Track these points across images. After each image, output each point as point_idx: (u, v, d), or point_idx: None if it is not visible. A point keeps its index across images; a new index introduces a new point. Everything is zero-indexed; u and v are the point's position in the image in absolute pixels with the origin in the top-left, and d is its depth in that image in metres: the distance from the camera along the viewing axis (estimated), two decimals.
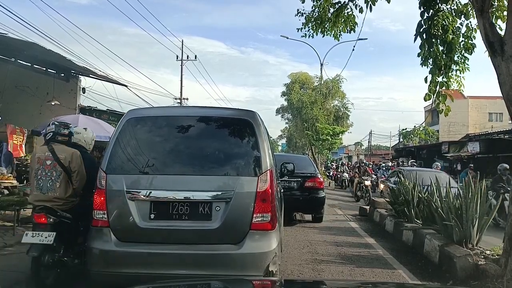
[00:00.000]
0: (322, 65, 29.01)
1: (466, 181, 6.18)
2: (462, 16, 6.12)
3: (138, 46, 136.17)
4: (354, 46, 16.36)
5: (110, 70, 79.48)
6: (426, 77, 6.03)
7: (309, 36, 7.91)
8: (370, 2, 6.69)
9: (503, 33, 4.98)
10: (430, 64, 5.95)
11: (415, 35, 5.94)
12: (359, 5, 7.11)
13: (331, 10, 7.42)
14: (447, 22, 5.80)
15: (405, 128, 42.40)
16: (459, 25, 6.08)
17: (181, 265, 3.51)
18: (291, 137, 49.93)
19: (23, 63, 12.20)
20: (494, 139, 18.13)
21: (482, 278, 4.80)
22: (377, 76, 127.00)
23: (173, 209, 3.59)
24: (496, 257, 5.17)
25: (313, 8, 7.55)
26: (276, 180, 4.30)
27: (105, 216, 3.60)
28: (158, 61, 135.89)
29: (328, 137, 27.22)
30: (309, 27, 7.78)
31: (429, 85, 6.01)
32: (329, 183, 24.31)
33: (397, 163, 26.70)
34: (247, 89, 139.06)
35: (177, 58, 29.95)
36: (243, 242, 3.54)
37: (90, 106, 15.78)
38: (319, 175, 9.97)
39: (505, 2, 5.64)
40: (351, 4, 7.20)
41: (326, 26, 7.59)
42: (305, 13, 7.72)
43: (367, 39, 25.88)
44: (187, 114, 4.24)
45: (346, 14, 7.34)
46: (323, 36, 7.78)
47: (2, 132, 11.11)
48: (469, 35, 6.14)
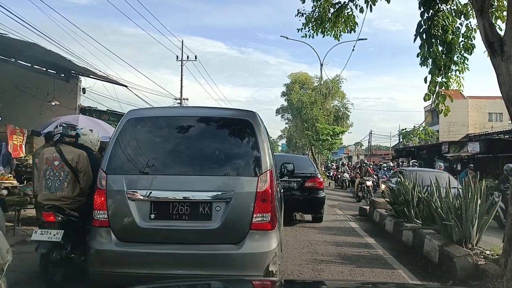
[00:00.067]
0: (322, 65, 29.07)
1: (466, 181, 6.19)
2: (462, 16, 6.13)
3: (138, 46, 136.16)
4: (354, 46, 16.47)
5: (110, 70, 79.54)
6: (426, 77, 6.04)
7: (310, 37, 7.93)
8: (370, 2, 6.70)
9: (502, 33, 4.98)
10: (429, 64, 5.96)
11: (415, 35, 5.95)
12: (359, 5, 7.12)
13: (331, 10, 7.42)
14: (447, 22, 5.81)
15: (405, 128, 42.45)
16: (458, 25, 6.10)
17: (181, 265, 3.52)
18: (291, 137, 49.94)
19: (23, 63, 12.20)
20: (494, 139, 18.10)
21: (482, 278, 4.80)
22: (377, 76, 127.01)
23: (173, 209, 3.60)
24: (496, 257, 5.18)
25: (313, 8, 7.56)
26: (276, 180, 4.31)
27: (105, 216, 3.61)
28: (158, 61, 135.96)
29: (328, 137, 27.23)
30: (309, 27, 7.79)
31: (428, 85, 6.02)
32: (329, 183, 24.29)
33: (397, 163, 26.66)
34: (247, 89, 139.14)
35: (177, 58, 29.99)
36: (243, 242, 3.54)
37: (90, 107, 15.78)
38: (319, 175, 9.99)
39: (504, 2, 5.65)
40: (351, 4, 7.22)
41: (326, 26, 7.59)
42: (305, 13, 7.73)
43: (367, 39, 25.91)
44: (187, 115, 4.26)
45: (346, 14, 7.34)
46: (323, 36, 7.79)
47: (2, 132, 11.12)
48: (469, 35, 6.15)
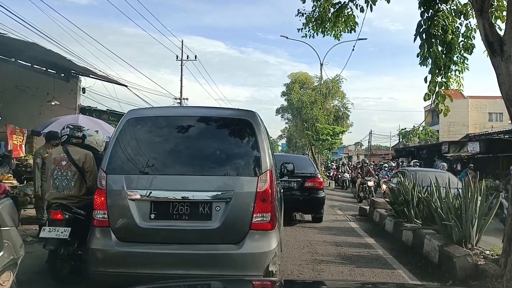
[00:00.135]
0: (322, 65, 29.06)
1: (466, 181, 6.19)
2: (462, 16, 6.13)
3: (138, 46, 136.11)
4: (354, 46, 16.46)
5: (110, 70, 79.46)
6: (426, 77, 6.04)
7: (310, 37, 7.92)
8: (371, 2, 6.69)
9: (502, 33, 4.98)
10: (429, 64, 5.96)
11: (415, 35, 5.95)
12: (359, 5, 7.12)
13: (332, 10, 7.42)
14: (447, 22, 5.81)
15: (404, 128, 42.35)
16: (458, 25, 6.10)
17: (181, 265, 3.52)
18: (291, 137, 49.91)
19: (23, 63, 12.19)
20: (494, 139, 18.10)
21: (481, 278, 4.80)
22: (377, 76, 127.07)
23: (173, 209, 3.60)
24: (496, 257, 5.18)
25: (314, 8, 7.56)
26: (276, 180, 4.31)
27: (106, 216, 3.61)
28: (158, 61, 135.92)
29: (328, 137, 27.20)
30: (309, 27, 7.79)
31: (428, 85, 6.02)
32: (329, 183, 24.27)
33: (397, 163, 26.65)
34: (247, 89, 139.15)
35: (177, 58, 29.98)
36: (243, 242, 3.54)
37: (90, 106, 15.77)
38: (319, 175, 9.98)
39: (504, 2, 5.65)
40: (351, 4, 7.22)
41: (326, 26, 7.59)
42: (305, 13, 7.73)
43: (366, 39, 25.96)
44: (187, 114, 4.25)
45: (346, 14, 7.34)
46: (323, 36, 7.79)
47: (2, 132, 11.11)
48: (469, 35, 6.15)
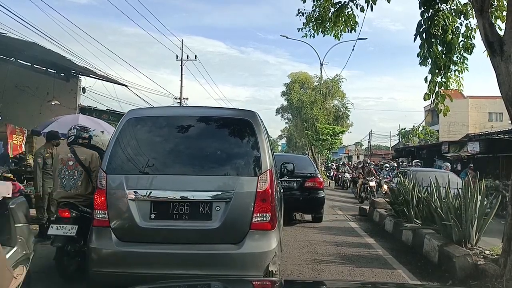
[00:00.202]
0: (322, 65, 29.07)
1: (466, 181, 6.19)
2: (462, 16, 6.13)
3: (138, 46, 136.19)
4: (354, 46, 16.50)
5: (110, 70, 79.48)
6: (426, 77, 6.05)
7: (310, 36, 7.92)
8: (371, 2, 6.69)
9: (502, 33, 4.98)
10: (429, 64, 5.96)
11: (415, 35, 5.95)
12: (359, 5, 7.12)
13: (332, 9, 7.42)
14: (447, 22, 5.81)
15: (404, 128, 42.35)
16: (458, 25, 6.10)
17: (181, 265, 3.52)
18: (291, 137, 49.92)
19: (23, 63, 12.19)
20: (494, 139, 18.09)
21: (481, 278, 4.81)
22: (377, 76, 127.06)
23: (173, 209, 3.60)
24: (496, 257, 5.18)
25: (314, 8, 7.56)
26: (276, 180, 4.31)
27: (106, 216, 3.61)
28: (158, 61, 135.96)
29: (328, 137, 27.21)
30: (309, 27, 7.79)
31: (428, 85, 6.03)
32: (329, 183, 24.25)
33: (397, 164, 26.63)
34: (247, 89, 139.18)
35: (177, 58, 29.97)
36: (243, 242, 3.54)
37: (90, 106, 15.78)
38: (319, 175, 9.98)
39: (504, 2, 5.65)
40: (351, 3, 7.22)
41: (326, 25, 7.59)
42: (305, 13, 7.73)
43: (366, 38, 26.06)
44: (187, 114, 4.25)
45: (346, 13, 7.34)
46: (323, 36, 7.80)
47: (2, 132, 11.11)
48: (469, 35, 6.15)
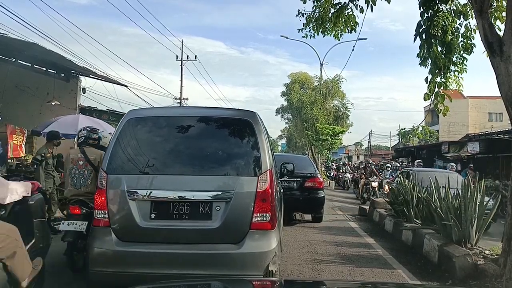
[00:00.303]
0: (322, 65, 29.07)
1: (465, 181, 6.20)
2: (461, 16, 6.14)
3: (138, 46, 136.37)
4: (354, 46, 16.51)
5: (110, 70, 79.56)
6: (427, 77, 6.06)
7: (310, 37, 7.93)
8: (371, 2, 6.70)
9: (502, 33, 4.99)
10: (429, 64, 5.97)
11: (414, 35, 5.97)
12: (359, 5, 7.13)
13: (332, 10, 7.43)
14: (447, 22, 5.82)
15: (404, 128, 42.36)
16: (458, 26, 6.11)
17: (182, 265, 3.52)
18: (291, 137, 49.91)
19: (23, 63, 12.21)
20: (494, 139, 18.11)
21: (481, 278, 4.81)
22: (377, 76, 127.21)
23: (174, 209, 3.60)
24: (495, 256, 5.19)
25: (314, 8, 7.57)
26: (276, 180, 4.32)
27: (106, 216, 3.61)
28: (158, 61, 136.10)
29: (328, 137, 27.19)
30: (309, 27, 7.80)
31: (428, 85, 6.04)
32: (329, 183, 24.24)
33: (400, 163, 26.51)
34: (247, 89, 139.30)
35: (177, 58, 30.00)
36: (243, 241, 3.55)
37: (90, 106, 15.80)
38: (318, 175, 9.99)
39: (504, 2, 5.66)
40: (351, 4, 7.23)
41: (327, 26, 7.60)
42: (305, 13, 7.74)
43: (366, 39, 26.02)
44: (187, 114, 4.26)
45: (346, 14, 7.35)
46: (323, 36, 7.81)
47: (2, 132, 11.12)
48: (468, 35, 6.16)
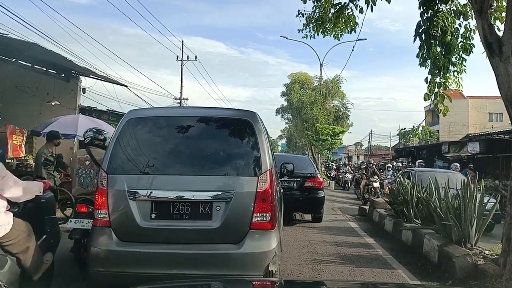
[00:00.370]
0: (321, 65, 29.08)
1: (465, 181, 6.20)
2: (461, 17, 6.15)
3: (138, 47, 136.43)
4: (354, 46, 16.53)
5: (110, 70, 79.55)
6: (427, 77, 6.06)
7: (310, 37, 7.93)
8: (371, 2, 6.71)
9: (501, 34, 5.00)
10: (429, 65, 5.98)
11: (414, 35, 5.97)
12: (359, 6, 7.13)
13: (332, 10, 7.43)
14: (446, 23, 5.83)
15: (404, 128, 42.36)
16: (457, 26, 6.12)
17: (182, 265, 3.53)
18: (291, 137, 49.90)
19: (24, 63, 12.20)
20: (494, 139, 18.12)
21: (481, 278, 4.82)
22: (377, 76, 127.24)
23: (174, 209, 3.61)
24: (495, 256, 5.19)
25: (314, 8, 7.57)
26: (276, 180, 4.32)
27: (106, 216, 3.62)
28: (158, 62, 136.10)
29: (328, 137, 27.18)
30: (310, 28, 7.80)
31: (428, 85, 6.05)
32: (329, 184, 24.23)
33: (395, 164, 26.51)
34: (247, 89, 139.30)
35: (177, 59, 30.01)
36: (243, 241, 3.55)
37: (90, 106, 15.81)
38: (318, 175, 10.00)
39: (503, 3, 5.66)
40: (351, 4, 7.23)
41: (327, 26, 7.60)
42: (305, 13, 7.75)
43: (366, 39, 26.06)
44: (187, 115, 4.26)
45: (347, 14, 7.36)
46: (323, 37, 7.81)
47: (2, 132, 11.12)
48: (468, 36, 6.17)
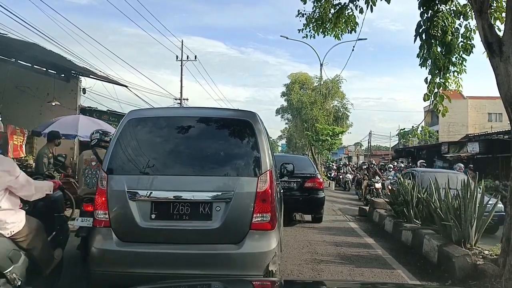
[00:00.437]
0: (321, 65, 29.08)
1: (465, 182, 6.20)
2: (461, 17, 6.16)
3: (138, 47, 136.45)
4: (354, 46, 16.54)
5: (110, 70, 79.32)
6: (427, 77, 6.07)
7: (310, 37, 7.94)
8: (371, 3, 6.71)
9: (501, 34, 5.00)
10: (429, 65, 5.99)
11: (414, 35, 5.98)
12: (359, 6, 7.14)
13: (332, 10, 7.44)
14: (446, 23, 5.83)
15: (403, 128, 42.30)
16: (458, 26, 6.12)
17: (182, 265, 3.53)
18: (291, 137, 49.87)
19: (24, 63, 12.22)
20: (494, 139, 18.14)
21: (480, 278, 4.82)
22: (377, 77, 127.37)
23: (174, 209, 3.61)
24: (495, 257, 5.20)
25: (314, 9, 7.58)
26: (276, 181, 4.33)
27: (106, 216, 3.62)
28: (159, 62, 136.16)
29: (327, 137, 27.16)
30: (310, 28, 7.81)
31: (428, 86, 6.05)
32: (329, 184, 24.22)
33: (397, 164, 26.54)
34: (247, 89, 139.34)
35: (177, 59, 30.02)
36: (243, 242, 3.55)
37: (90, 107, 15.82)
38: (318, 176, 9.99)
39: (503, 3, 5.67)
40: (351, 5, 7.24)
41: (327, 26, 7.61)
42: (305, 13, 7.75)
43: (366, 39, 26.06)
44: (187, 115, 4.27)
45: (347, 14, 7.36)
46: (324, 37, 7.82)
47: (2, 132, 11.12)
48: (468, 36, 6.17)
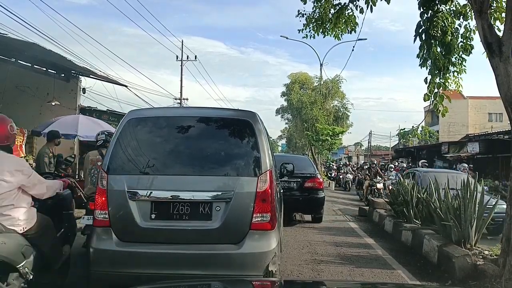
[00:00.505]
0: (321, 65, 29.11)
1: (465, 182, 6.20)
2: (461, 17, 6.16)
3: (138, 47, 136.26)
4: (354, 46, 16.55)
5: (110, 70, 79.40)
6: (426, 77, 6.07)
7: (310, 37, 7.94)
8: (371, 3, 6.71)
9: (501, 34, 5.00)
10: (429, 65, 5.99)
11: (414, 35, 5.98)
12: (359, 6, 7.14)
13: (332, 11, 7.44)
14: (446, 23, 5.83)
15: (403, 128, 42.28)
16: (457, 26, 6.13)
17: (182, 265, 3.53)
18: (291, 137, 49.88)
19: (24, 63, 12.21)
20: (494, 139, 18.15)
21: (480, 278, 4.82)
22: (377, 77, 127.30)
23: (174, 209, 3.61)
24: (495, 257, 5.20)
25: (314, 9, 7.58)
26: (276, 181, 4.32)
27: (106, 216, 3.62)
28: (159, 62, 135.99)
29: (327, 137, 27.18)
30: (310, 28, 7.81)
31: (428, 86, 6.05)
32: (329, 184, 24.22)
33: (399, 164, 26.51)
34: (247, 89, 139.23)
35: (177, 59, 30.02)
36: (243, 242, 3.55)
37: (90, 107, 15.82)
38: (318, 176, 10.00)
39: (503, 3, 5.67)
40: (351, 5, 7.24)
41: (327, 26, 7.61)
42: (305, 14, 7.76)
43: (366, 39, 26.06)
44: (187, 115, 4.27)
45: (347, 15, 7.36)
46: (324, 37, 7.82)
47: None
48: (468, 36, 6.18)
